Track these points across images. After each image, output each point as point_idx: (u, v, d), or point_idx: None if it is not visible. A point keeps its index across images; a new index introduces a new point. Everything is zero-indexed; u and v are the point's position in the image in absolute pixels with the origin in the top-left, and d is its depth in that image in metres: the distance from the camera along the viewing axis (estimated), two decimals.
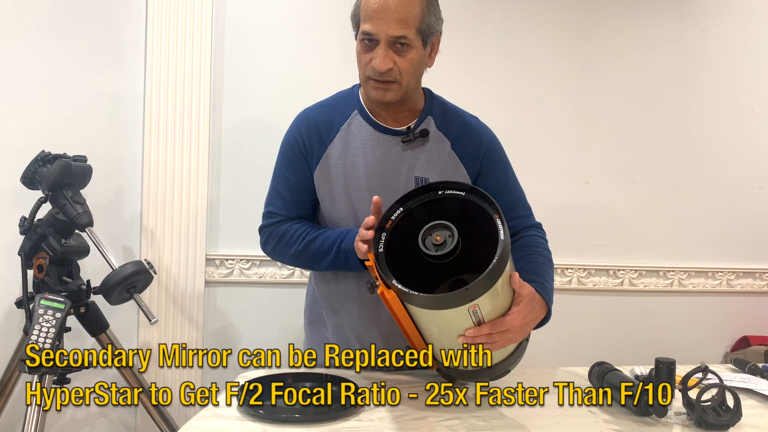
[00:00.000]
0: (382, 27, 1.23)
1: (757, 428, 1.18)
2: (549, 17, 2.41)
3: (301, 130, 1.40)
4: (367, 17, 1.25)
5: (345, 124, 1.38)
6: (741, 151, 2.55)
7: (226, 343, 2.30)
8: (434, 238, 1.11)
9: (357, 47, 1.30)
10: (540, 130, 2.42)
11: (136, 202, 2.23)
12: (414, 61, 1.29)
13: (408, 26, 1.24)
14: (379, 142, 1.37)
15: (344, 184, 1.37)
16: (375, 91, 1.30)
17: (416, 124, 1.38)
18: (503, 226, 1.08)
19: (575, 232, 2.46)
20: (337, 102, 1.42)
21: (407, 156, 1.37)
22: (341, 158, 1.37)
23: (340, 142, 1.37)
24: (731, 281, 2.57)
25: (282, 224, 1.42)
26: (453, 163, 1.39)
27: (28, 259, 1.76)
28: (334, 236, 1.34)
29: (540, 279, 1.29)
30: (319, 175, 1.39)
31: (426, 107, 1.40)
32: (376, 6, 1.23)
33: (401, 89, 1.30)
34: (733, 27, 2.52)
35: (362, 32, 1.26)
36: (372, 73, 1.27)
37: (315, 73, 2.28)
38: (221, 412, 1.16)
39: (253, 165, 2.27)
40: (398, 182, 1.36)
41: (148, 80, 2.19)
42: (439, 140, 1.39)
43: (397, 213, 1.15)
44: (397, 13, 1.23)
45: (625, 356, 1.80)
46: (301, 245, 1.37)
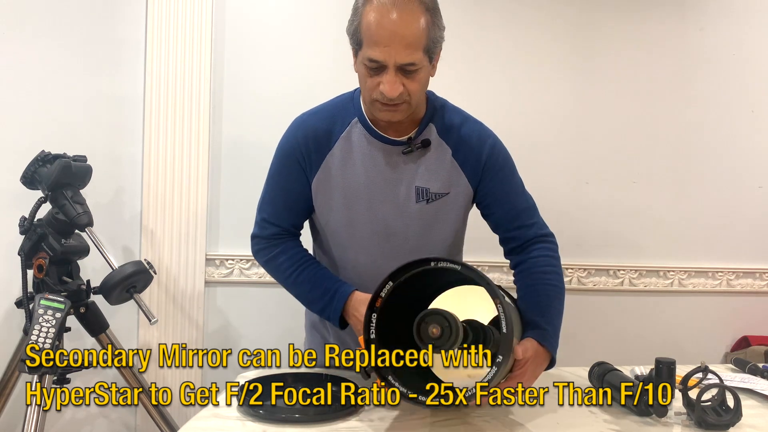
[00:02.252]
0: (390, 54, 1.17)
1: (757, 428, 1.18)
2: (548, 17, 2.41)
3: (298, 138, 1.36)
4: (372, 42, 1.18)
5: (345, 133, 1.34)
6: (741, 151, 2.55)
7: (226, 343, 2.30)
8: (431, 329, 1.01)
9: (360, 69, 1.24)
10: (540, 130, 2.42)
11: (136, 202, 2.23)
12: (422, 80, 1.25)
13: (416, 50, 1.18)
14: (380, 153, 1.33)
15: (343, 195, 1.34)
16: (383, 113, 1.26)
17: (417, 134, 1.34)
18: (504, 316, 1.01)
19: (575, 232, 2.46)
20: (336, 108, 1.38)
21: (408, 166, 1.34)
22: (340, 168, 1.34)
23: (339, 151, 1.34)
24: (731, 281, 2.57)
25: (276, 244, 1.40)
26: (454, 172, 1.35)
27: (28, 259, 1.76)
28: (321, 290, 1.33)
29: (544, 323, 1.26)
30: (317, 184, 1.36)
31: (427, 115, 1.36)
32: (383, 31, 1.16)
33: (410, 108, 1.27)
34: (733, 27, 2.52)
35: (368, 58, 1.19)
36: (380, 98, 1.22)
37: (315, 73, 2.28)
38: (221, 412, 1.17)
39: (253, 165, 2.27)
40: (399, 192, 1.34)
41: (148, 80, 2.19)
42: (440, 148, 1.35)
43: (387, 288, 1.07)
44: (405, 38, 1.16)
45: (625, 356, 1.79)
46: (289, 280, 1.37)
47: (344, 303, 1.30)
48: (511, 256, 1.42)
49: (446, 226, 1.38)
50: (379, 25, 1.16)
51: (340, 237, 1.38)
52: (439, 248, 1.39)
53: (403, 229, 1.35)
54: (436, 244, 1.38)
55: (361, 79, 1.26)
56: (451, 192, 1.36)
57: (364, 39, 1.19)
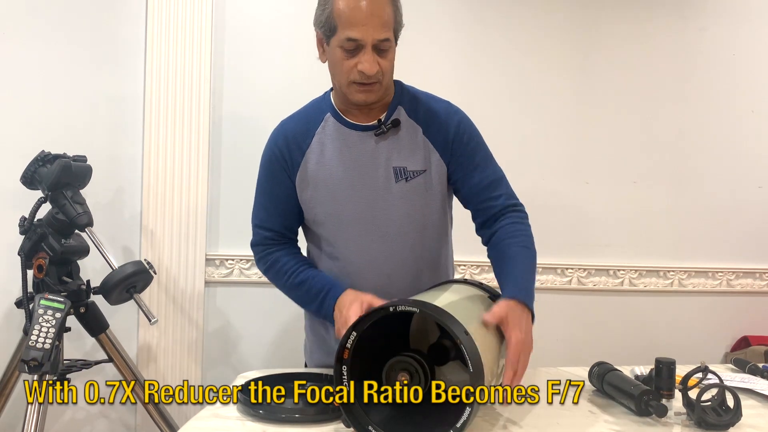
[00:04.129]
0: (368, 32, 1.26)
1: (757, 428, 1.18)
2: (548, 17, 2.41)
3: (278, 142, 1.43)
4: (349, 24, 1.27)
5: (319, 128, 1.41)
6: (741, 151, 2.55)
7: (226, 343, 2.31)
8: (400, 377, 1.06)
9: (334, 54, 1.32)
10: (540, 130, 2.42)
11: (136, 202, 2.23)
12: (392, 59, 1.34)
13: (389, 28, 1.29)
14: (354, 140, 1.39)
15: (325, 186, 1.39)
16: (360, 94, 1.32)
17: (387, 116, 1.39)
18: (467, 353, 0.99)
19: (575, 232, 2.46)
20: (311, 109, 1.46)
21: (382, 148, 1.38)
22: (319, 161, 1.39)
23: (317, 146, 1.40)
24: (731, 281, 2.57)
25: (271, 252, 1.44)
26: (427, 150, 1.39)
27: (28, 259, 1.76)
28: (316, 290, 1.37)
29: (512, 283, 1.26)
30: (299, 180, 1.41)
31: (395, 98, 1.42)
32: (359, 12, 1.26)
33: (382, 88, 1.34)
34: (733, 27, 2.52)
35: (346, 39, 1.27)
36: (359, 77, 1.30)
37: (315, 73, 2.26)
38: (221, 412, 1.16)
39: (253, 165, 2.23)
40: (378, 175, 1.38)
41: (148, 80, 2.19)
42: (411, 128, 1.40)
43: (352, 339, 1.06)
44: (380, 17, 1.27)
45: (625, 356, 1.80)
46: (287, 284, 1.42)
47: (335, 301, 1.33)
48: (482, 231, 1.44)
49: (429, 206, 1.41)
50: (355, 7, 1.26)
51: (327, 230, 1.41)
52: (427, 235, 1.41)
53: (386, 211, 1.38)
54: (424, 228, 1.41)
55: (336, 64, 1.33)
56: (428, 169, 1.39)
57: (339, 23, 1.28)
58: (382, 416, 1.08)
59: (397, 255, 1.38)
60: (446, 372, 1.17)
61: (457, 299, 1.17)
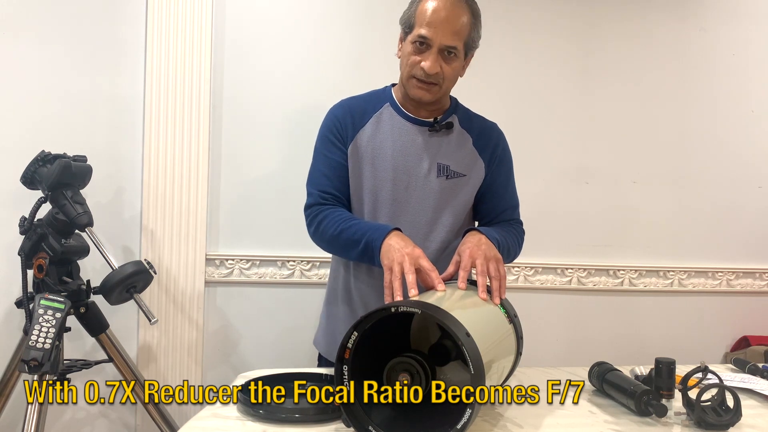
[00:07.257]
0: (437, 35, 1.38)
1: (757, 428, 1.18)
2: (549, 18, 2.41)
3: (337, 114, 1.53)
4: (425, 23, 1.38)
5: (377, 113, 1.51)
6: (741, 151, 2.55)
7: (226, 343, 2.31)
8: (401, 378, 1.07)
9: (406, 48, 1.43)
10: (540, 130, 2.42)
11: (136, 202, 2.23)
12: (456, 69, 1.44)
13: (459, 38, 1.40)
14: (407, 130, 1.49)
15: (371, 164, 1.48)
16: (417, 90, 1.43)
17: (443, 118, 1.51)
18: (468, 355, 0.99)
19: (575, 232, 2.46)
20: (371, 96, 1.57)
21: (432, 143, 1.49)
22: (370, 141, 1.49)
23: (370, 127, 1.50)
24: (731, 281, 2.57)
25: (324, 209, 1.49)
26: (473, 156, 1.51)
27: (28, 259, 1.76)
28: (364, 229, 1.40)
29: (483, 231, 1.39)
30: (350, 153, 1.50)
31: (451, 107, 1.54)
32: (435, 15, 1.38)
33: (440, 92, 1.44)
34: (733, 27, 2.52)
35: (418, 35, 1.39)
36: (419, 74, 1.41)
37: (315, 73, 2.27)
38: (221, 412, 1.17)
39: (253, 165, 2.27)
40: (421, 167, 1.48)
41: (148, 80, 2.19)
42: (462, 136, 1.52)
43: (353, 339, 1.06)
44: (453, 25, 1.38)
45: (625, 356, 1.80)
46: (336, 231, 1.44)
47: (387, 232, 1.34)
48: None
49: (456, 207, 1.51)
50: (434, 10, 1.38)
51: (365, 206, 1.50)
52: (452, 233, 1.51)
53: (422, 200, 1.48)
54: (444, 226, 1.50)
55: (404, 57, 1.44)
56: (468, 175, 1.51)
57: (417, 21, 1.40)
58: (383, 416, 1.08)
59: (420, 245, 1.38)
60: (447, 372, 1.18)
61: (458, 300, 1.17)
